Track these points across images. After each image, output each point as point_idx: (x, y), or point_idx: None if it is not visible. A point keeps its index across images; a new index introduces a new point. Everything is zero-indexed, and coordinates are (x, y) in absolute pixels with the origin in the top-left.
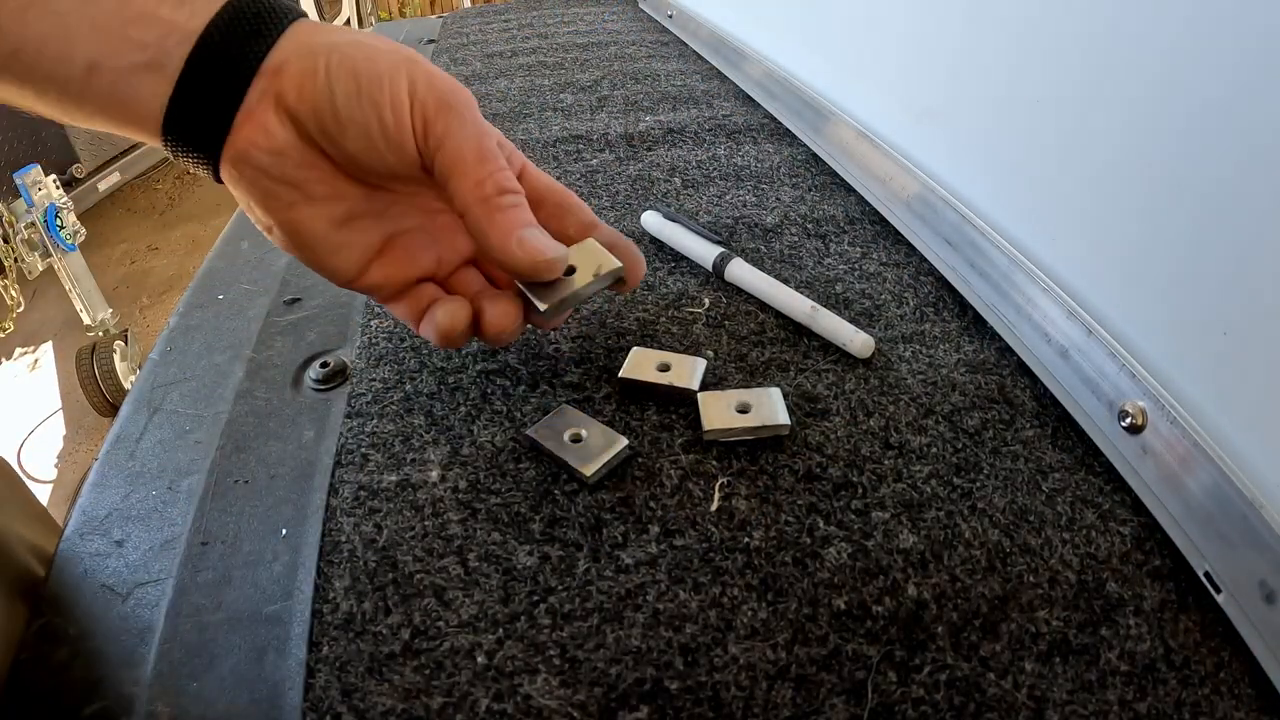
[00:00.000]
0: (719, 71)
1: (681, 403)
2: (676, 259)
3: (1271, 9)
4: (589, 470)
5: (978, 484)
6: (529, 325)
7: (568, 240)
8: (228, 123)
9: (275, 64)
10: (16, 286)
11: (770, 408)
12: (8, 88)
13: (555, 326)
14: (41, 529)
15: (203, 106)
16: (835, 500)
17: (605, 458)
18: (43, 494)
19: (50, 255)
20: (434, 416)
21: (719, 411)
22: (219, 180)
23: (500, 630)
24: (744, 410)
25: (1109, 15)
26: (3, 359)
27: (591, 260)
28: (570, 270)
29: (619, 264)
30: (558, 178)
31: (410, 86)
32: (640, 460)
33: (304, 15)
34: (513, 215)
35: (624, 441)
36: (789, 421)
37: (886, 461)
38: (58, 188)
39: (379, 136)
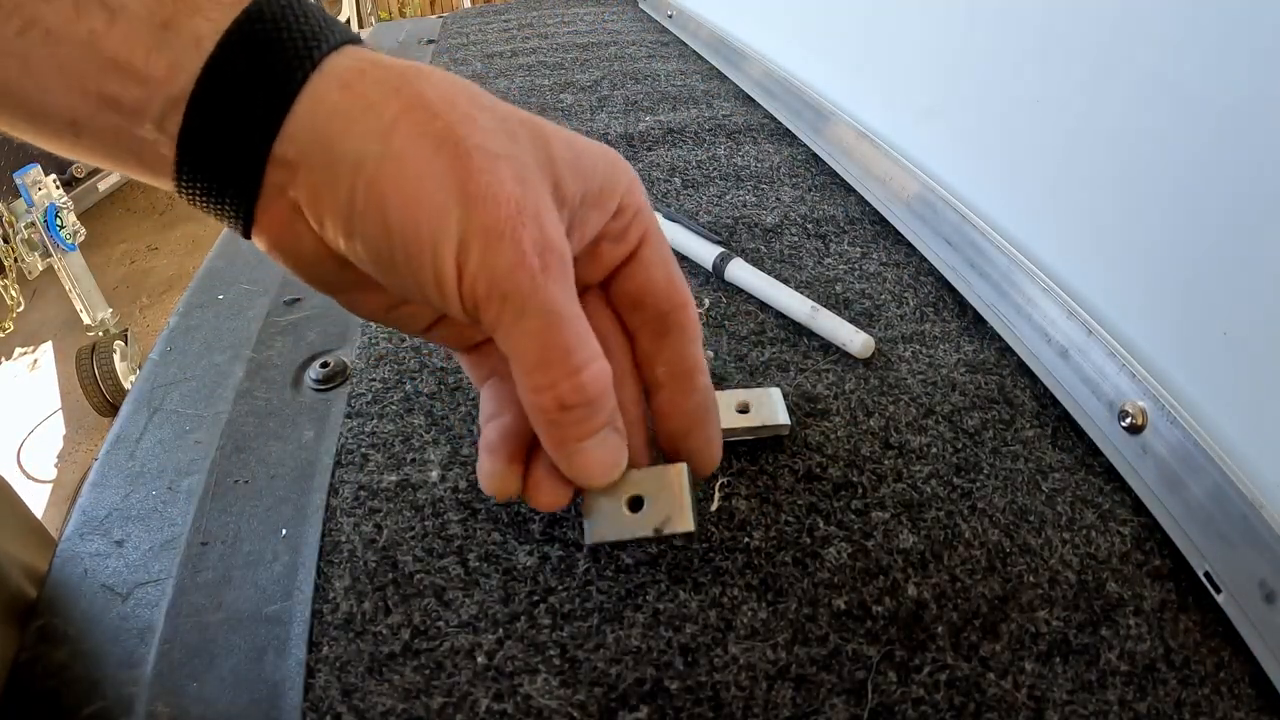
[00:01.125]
0: (719, 71)
1: None
2: (676, 259)
3: (1272, 11)
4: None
5: (978, 484)
6: None
7: (648, 374)
8: (250, 204)
9: (287, 156)
10: (16, 286)
11: (770, 408)
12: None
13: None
14: (35, 544)
15: (213, 192)
16: (835, 500)
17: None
18: (42, 494)
19: (50, 255)
20: (434, 416)
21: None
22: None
23: (500, 630)
24: (744, 410)
25: (1109, 15)
26: (3, 359)
27: (664, 496)
28: (637, 503)
29: (690, 527)
30: None
31: (460, 253)
32: None
33: (310, 56)
34: (571, 431)
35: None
36: (789, 421)
37: (886, 461)
38: (58, 188)
39: (419, 300)
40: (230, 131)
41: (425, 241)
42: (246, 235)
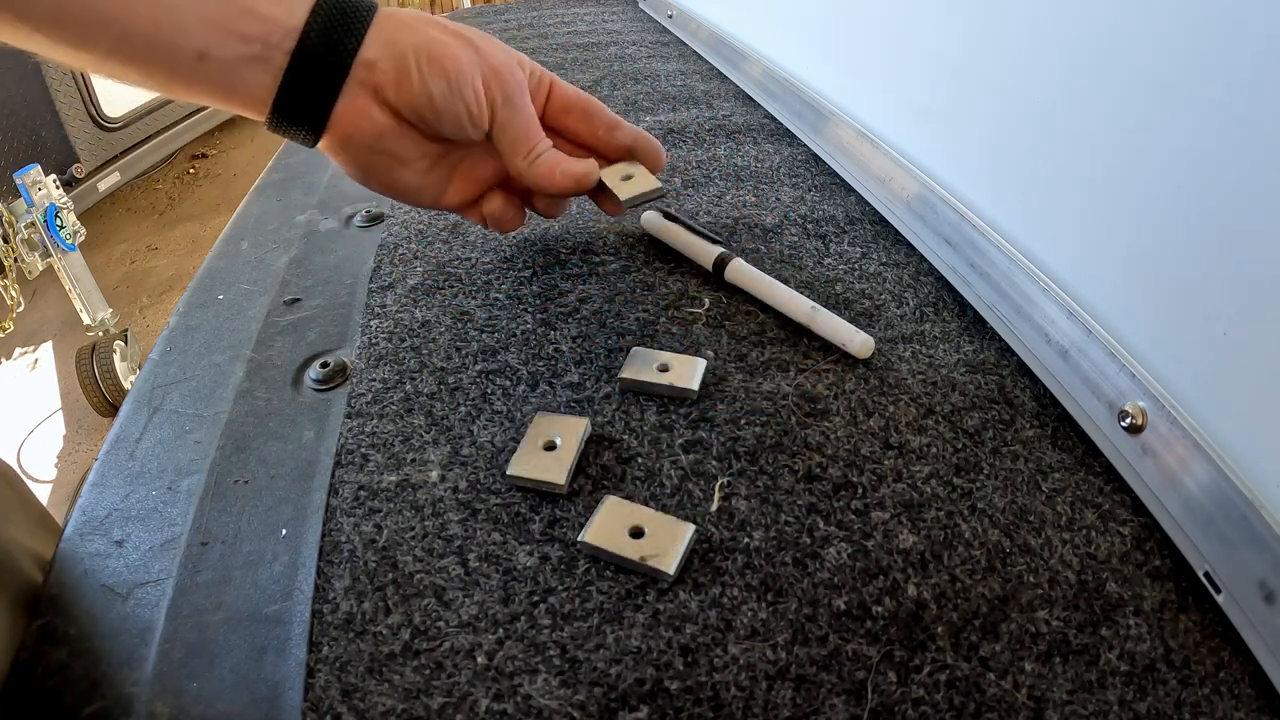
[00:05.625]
0: (719, 71)
1: (681, 403)
2: (676, 259)
3: (1271, 12)
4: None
5: (978, 484)
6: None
7: (595, 139)
8: (329, 109)
9: (367, 59)
10: (16, 286)
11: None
12: (114, 67)
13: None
14: (43, 533)
15: (307, 97)
16: (835, 500)
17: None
18: (43, 494)
19: (50, 255)
20: (434, 416)
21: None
22: (313, 147)
23: (500, 630)
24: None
25: (1109, 15)
26: (3, 359)
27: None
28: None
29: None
30: None
31: (485, 81)
32: (640, 460)
33: (376, 6)
34: (549, 161)
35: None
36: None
37: (886, 461)
38: (58, 188)
39: (467, 124)
40: (333, 45)
41: (467, 76)
42: (317, 136)
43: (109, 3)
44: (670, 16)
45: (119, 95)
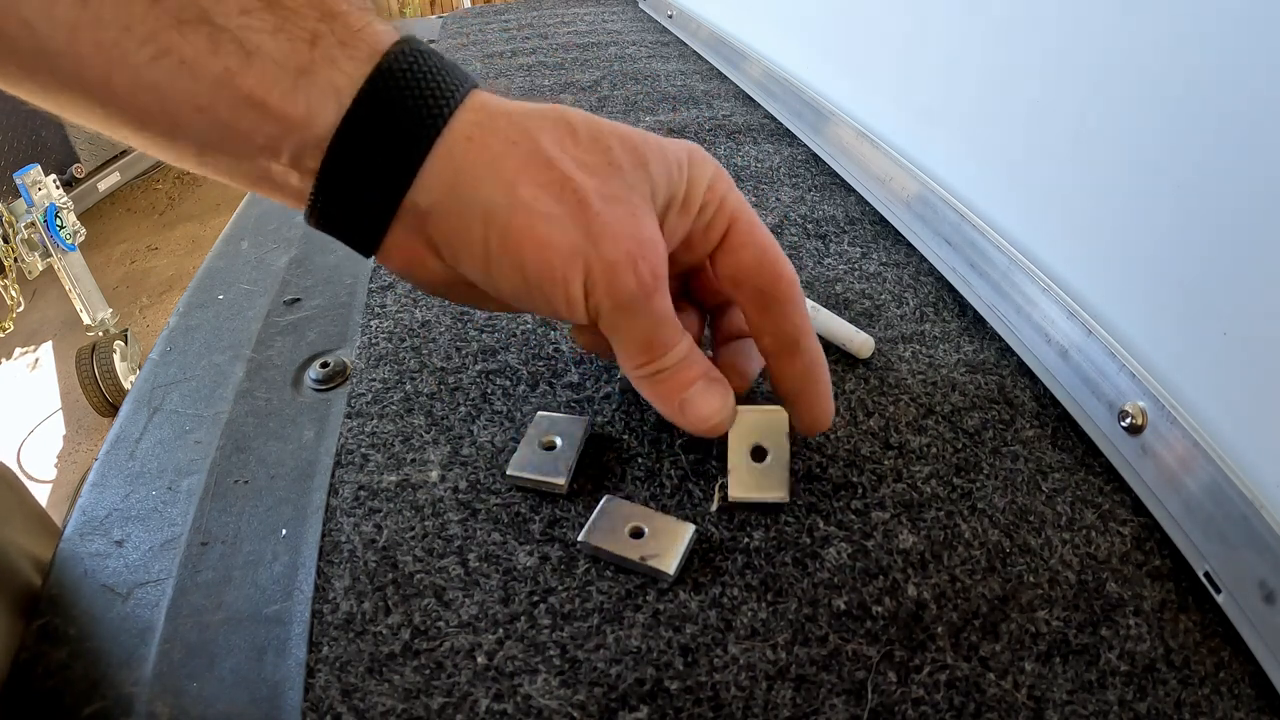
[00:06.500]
0: (719, 71)
1: None
2: None
3: (1273, 14)
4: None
5: (978, 484)
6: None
7: (759, 341)
8: (375, 239)
9: (418, 205)
10: (16, 286)
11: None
12: (122, 138)
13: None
14: (42, 534)
15: (343, 223)
16: (835, 500)
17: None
18: (42, 494)
19: (50, 255)
20: (434, 416)
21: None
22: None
23: (500, 630)
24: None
25: (1109, 16)
26: (3, 359)
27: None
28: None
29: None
30: None
31: (587, 285)
32: (640, 460)
33: (440, 114)
34: (672, 383)
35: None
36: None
37: (886, 461)
38: (58, 188)
39: (552, 317)
40: (369, 179)
41: (558, 276)
42: (366, 255)
43: (77, 66)
44: (670, 16)
45: None
